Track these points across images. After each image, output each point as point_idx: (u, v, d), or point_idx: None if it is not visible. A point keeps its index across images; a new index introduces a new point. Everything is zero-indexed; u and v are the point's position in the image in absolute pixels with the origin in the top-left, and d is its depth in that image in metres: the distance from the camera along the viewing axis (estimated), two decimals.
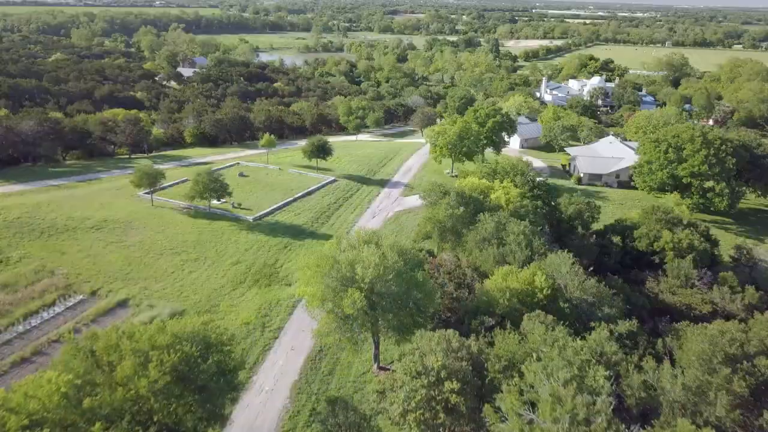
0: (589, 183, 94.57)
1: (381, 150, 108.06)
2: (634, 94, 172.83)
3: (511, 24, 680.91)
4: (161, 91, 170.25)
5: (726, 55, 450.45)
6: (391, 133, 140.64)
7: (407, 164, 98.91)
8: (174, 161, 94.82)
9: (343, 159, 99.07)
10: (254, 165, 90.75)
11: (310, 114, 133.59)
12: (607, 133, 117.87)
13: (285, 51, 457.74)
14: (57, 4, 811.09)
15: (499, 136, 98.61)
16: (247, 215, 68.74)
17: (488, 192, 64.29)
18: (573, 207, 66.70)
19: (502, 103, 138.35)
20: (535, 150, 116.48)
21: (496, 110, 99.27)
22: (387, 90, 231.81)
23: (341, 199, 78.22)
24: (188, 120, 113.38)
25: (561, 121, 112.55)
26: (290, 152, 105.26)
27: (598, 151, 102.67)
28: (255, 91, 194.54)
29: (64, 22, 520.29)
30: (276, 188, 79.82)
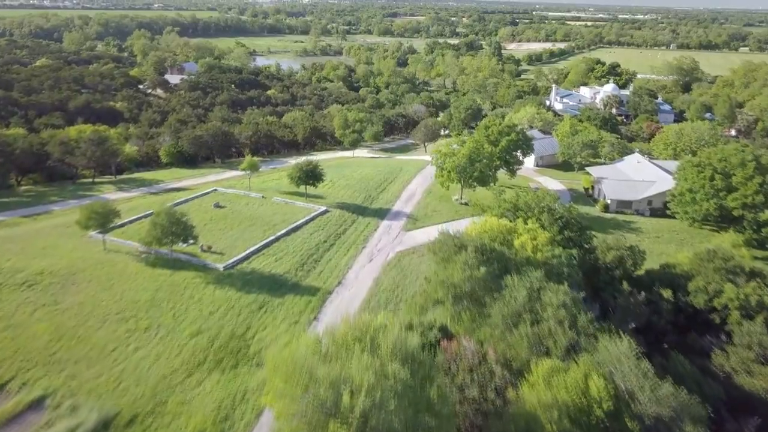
0: (617, 210, 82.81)
1: (380, 170, 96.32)
2: (651, 102, 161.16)
3: (512, 26, 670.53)
4: (144, 101, 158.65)
5: (732, 58, 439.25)
6: (391, 147, 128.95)
7: (409, 188, 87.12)
8: (143, 187, 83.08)
9: (337, 183, 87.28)
10: (234, 192, 78.92)
11: (303, 127, 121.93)
12: (630, 149, 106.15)
13: (282, 55, 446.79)
14: (54, 8, 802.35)
15: (513, 157, 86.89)
16: (217, 262, 56.89)
17: (511, 236, 52.66)
18: (612, 253, 54.87)
19: (513, 114, 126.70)
20: (551, 168, 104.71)
21: (510, 127, 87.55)
22: (387, 97, 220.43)
23: (333, 236, 66.38)
24: (164, 137, 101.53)
25: (580, 136, 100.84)
26: (278, 174, 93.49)
27: (625, 173, 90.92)
28: (246, 99, 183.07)
29: (57, 26, 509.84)
30: (256, 223, 68.00)
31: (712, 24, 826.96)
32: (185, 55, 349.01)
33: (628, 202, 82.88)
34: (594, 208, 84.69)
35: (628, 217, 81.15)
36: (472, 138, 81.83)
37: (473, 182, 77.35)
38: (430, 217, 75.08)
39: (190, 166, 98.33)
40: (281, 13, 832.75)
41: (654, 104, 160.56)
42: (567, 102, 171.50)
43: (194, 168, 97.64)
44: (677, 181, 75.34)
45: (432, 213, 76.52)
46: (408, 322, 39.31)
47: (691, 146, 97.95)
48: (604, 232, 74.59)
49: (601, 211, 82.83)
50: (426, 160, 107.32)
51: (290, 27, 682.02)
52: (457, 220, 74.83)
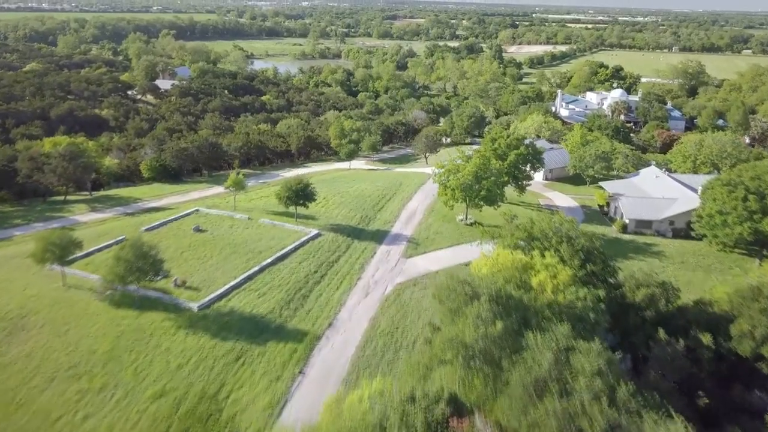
0: (636, 231, 75.93)
1: (378, 185, 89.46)
2: (662, 108, 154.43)
3: (512, 29, 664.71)
4: (132, 108, 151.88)
5: (737, 62, 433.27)
6: (390, 158, 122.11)
7: (410, 206, 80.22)
8: (119, 206, 76.14)
9: (331, 200, 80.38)
10: (217, 213, 72.01)
11: (297, 137, 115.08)
12: (646, 162, 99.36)
13: (280, 58, 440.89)
14: (53, 10, 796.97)
15: (522, 172, 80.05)
16: (191, 300, 49.96)
17: (527, 273, 45.78)
18: (643, 291, 47.98)
19: (518, 123, 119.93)
20: (561, 182, 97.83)
21: (519, 140, 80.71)
22: (386, 102, 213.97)
23: (325, 265, 59.45)
24: (146, 150, 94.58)
25: (592, 148, 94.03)
26: (268, 190, 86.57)
27: (642, 189, 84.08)
28: (240, 105, 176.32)
29: (52, 29, 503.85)
30: (239, 250, 61.09)
31: (713, 26, 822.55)
32: (181, 59, 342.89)
33: (647, 222, 75.98)
34: (610, 228, 77.81)
35: (648, 239, 74.26)
36: (478, 152, 74.95)
37: (480, 201, 70.46)
38: (432, 240, 68.22)
39: (173, 180, 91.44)
40: (280, 16, 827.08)
41: (664, 111, 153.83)
42: (573, 108, 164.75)
43: (178, 183, 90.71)
44: (704, 201, 68.43)
45: (435, 236, 69.64)
46: (409, 393, 32.42)
47: (713, 159, 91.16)
48: (624, 258, 67.99)
49: (619, 232, 75.96)
50: (427, 173, 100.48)
51: (289, 30, 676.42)
52: (463, 243, 68.08)
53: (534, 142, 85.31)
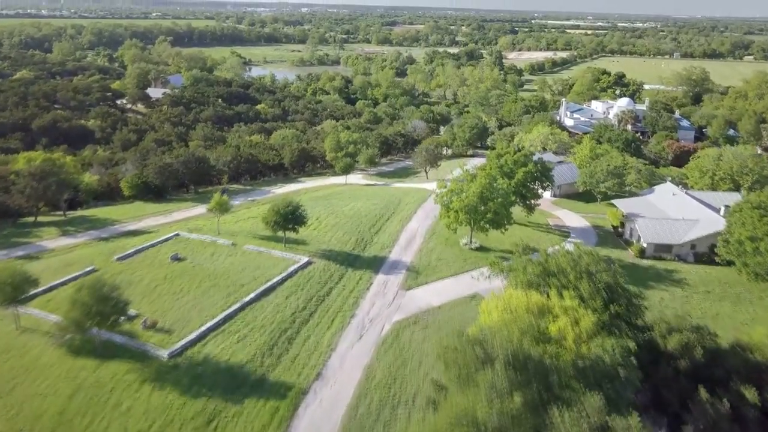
0: (654, 255, 69.97)
1: (375, 203, 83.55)
2: (670, 118, 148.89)
3: (512, 35, 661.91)
4: (120, 118, 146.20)
5: (739, 68, 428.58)
6: (388, 171, 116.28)
7: (409, 228, 74.26)
8: (93, 229, 70.14)
9: (324, 221, 74.45)
10: (198, 238, 66.00)
11: (290, 150, 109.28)
12: (660, 177, 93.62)
13: (279, 64, 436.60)
14: (51, 17, 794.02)
15: (531, 190, 74.19)
16: (161, 346, 43.93)
17: (545, 318, 39.86)
18: (676, 338, 41.98)
19: (524, 135, 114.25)
20: (570, 199, 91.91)
21: (527, 156, 74.89)
22: (384, 110, 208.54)
23: (315, 299, 53.42)
24: (126, 166, 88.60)
25: (602, 162, 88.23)
26: (257, 209, 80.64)
27: (659, 208, 78.19)
28: (234, 114, 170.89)
29: (49, 35, 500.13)
30: (220, 282, 55.08)
31: (712, 32, 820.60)
32: (177, 66, 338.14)
33: (667, 246, 70.04)
34: (626, 252, 71.85)
35: (668, 265, 68.25)
36: (482, 170, 69.05)
37: (486, 225, 64.53)
38: (434, 268, 62.23)
39: (156, 199, 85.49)
40: (279, 22, 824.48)
41: (673, 120, 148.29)
42: (578, 118, 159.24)
43: (161, 202, 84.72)
44: (731, 224, 62.58)
45: (437, 263, 63.66)
46: None
47: (732, 175, 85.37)
48: (644, 286, 61.95)
49: (636, 257, 70.02)
50: (428, 189, 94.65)
51: (287, 36, 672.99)
52: (468, 271, 62.16)
53: (542, 157, 79.39)
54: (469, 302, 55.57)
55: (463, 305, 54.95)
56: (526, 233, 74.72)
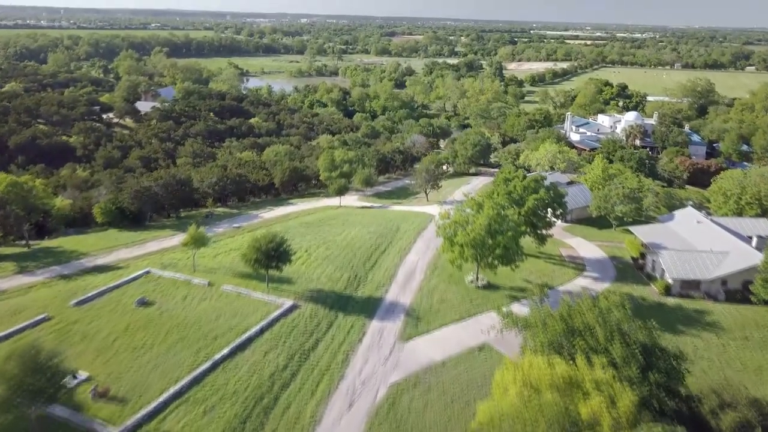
0: (681, 293, 62.74)
1: (371, 231, 76.43)
2: (681, 133, 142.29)
3: (511, 45, 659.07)
4: (106, 133, 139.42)
5: (743, 79, 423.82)
6: (386, 191, 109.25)
7: (408, 261, 67.08)
8: (56, 264, 62.85)
9: (314, 253, 67.28)
10: (171, 276, 58.74)
11: (281, 169, 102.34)
12: (679, 201, 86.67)
13: (276, 75, 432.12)
14: (50, 27, 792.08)
15: (542, 219, 67.11)
16: (109, 424, 36.53)
17: (574, 396, 32.65)
18: (730, 417, 34.69)
19: (530, 153, 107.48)
20: (583, 225, 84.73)
21: (538, 181, 67.88)
22: (383, 124, 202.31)
23: (298, 356, 46.11)
24: (100, 191, 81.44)
25: (618, 187, 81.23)
26: (241, 238, 73.50)
27: (683, 237, 71.05)
28: (226, 129, 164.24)
29: (44, 46, 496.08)
30: (190, 334, 47.78)
31: (711, 42, 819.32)
32: (172, 77, 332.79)
33: (695, 282, 62.87)
34: (650, 288, 64.62)
35: (697, 304, 61.00)
36: (489, 199, 61.93)
37: (495, 261, 57.35)
38: (437, 312, 54.98)
39: (132, 226, 78.27)
40: (278, 33, 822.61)
41: (684, 135, 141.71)
42: (584, 132, 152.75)
43: (137, 229, 77.45)
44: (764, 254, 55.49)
45: (439, 305, 56.41)
46: None
47: (760, 199, 78.39)
48: (672, 331, 54.82)
49: (661, 294, 62.76)
50: (428, 213, 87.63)
51: (286, 47, 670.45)
52: (475, 315, 54.97)
53: (554, 183, 72.32)
54: (477, 355, 48.38)
55: (470, 359, 47.71)
56: (537, 266, 67.65)
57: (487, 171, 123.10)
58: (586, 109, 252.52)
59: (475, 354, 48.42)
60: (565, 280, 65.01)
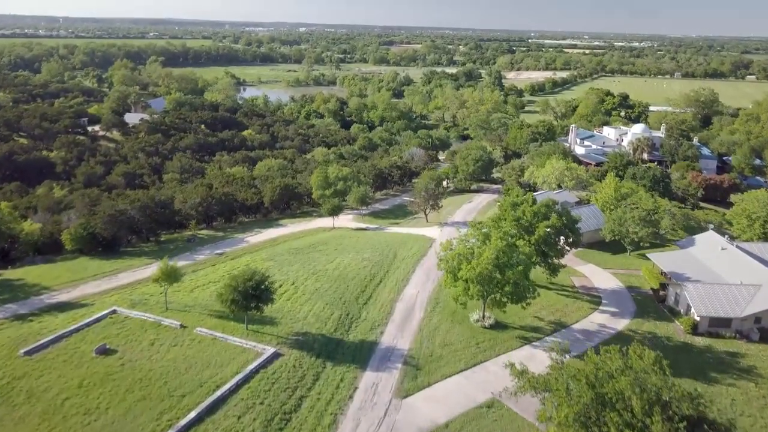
0: (710, 331, 56.38)
1: (366, 258, 70.11)
2: (691, 146, 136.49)
3: (510, 54, 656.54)
4: (89, 148, 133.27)
5: (744, 88, 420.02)
6: (383, 210, 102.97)
7: (407, 295, 60.69)
8: (13, 301, 56.10)
9: (302, 286, 60.87)
10: (140, 317, 52.19)
11: (271, 187, 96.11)
12: (698, 223, 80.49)
13: (273, 85, 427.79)
14: (47, 36, 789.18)
15: (554, 248, 60.82)
16: None
17: None
18: None
19: (535, 170, 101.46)
20: (595, 249, 78.35)
21: (549, 207, 61.65)
22: (380, 135, 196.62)
23: (278, 420, 39.49)
24: (69, 215, 74.92)
25: (633, 209, 75.11)
26: (223, 268, 67.15)
27: (707, 266, 64.80)
28: (217, 142, 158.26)
29: (39, 55, 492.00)
30: (153, 392, 41.21)
31: (710, 51, 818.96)
32: (167, 87, 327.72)
33: (726, 319, 56.53)
34: (674, 325, 58.21)
35: (729, 345, 54.61)
36: (496, 227, 55.60)
37: (504, 298, 50.98)
38: (439, 359, 48.50)
39: (106, 253, 71.76)
40: (275, 42, 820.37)
41: (695, 149, 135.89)
42: (589, 145, 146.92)
43: (111, 257, 70.86)
44: None
45: (442, 350, 49.94)
46: None
47: None
48: (704, 378, 48.56)
49: (687, 332, 56.36)
50: (428, 237, 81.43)
51: (284, 56, 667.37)
52: (482, 363, 48.55)
53: (566, 208, 66.07)
54: (486, 414, 41.94)
55: (478, 419, 41.28)
56: (548, 299, 61.29)
57: (490, 187, 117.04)
58: (588, 119, 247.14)
59: (483, 413, 41.94)
60: (580, 316, 58.68)
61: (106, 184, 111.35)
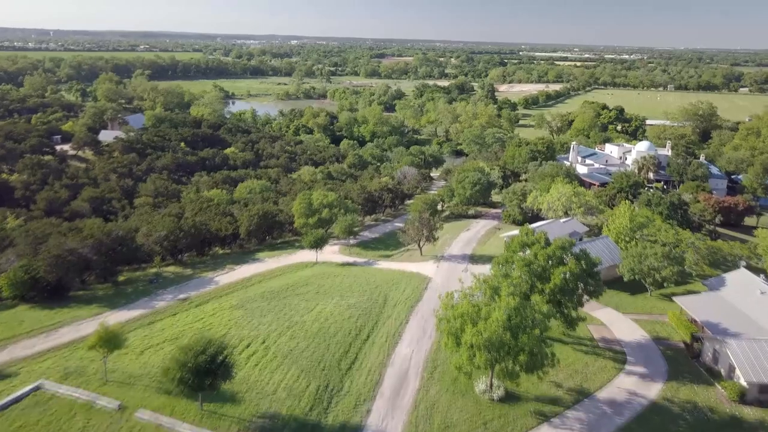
0: (761, 400, 47.32)
1: (352, 305, 60.71)
2: (701, 165, 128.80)
3: (501, 67, 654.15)
4: (56, 169, 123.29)
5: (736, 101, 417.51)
6: (373, 240, 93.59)
7: (399, 356, 51.26)
8: None
9: (273, 346, 51.26)
10: (69, 394, 42.32)
11: (248, 215, 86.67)
12: (724, 257, 71.88)
13: (263, 98, 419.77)
14: (37, 50, 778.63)
15: (572, 299, 51.72)
16: None
17: None
18: None
19: (540, 196, 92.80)
20: (611, 288, 69.24)
21: (564, 248, 52.63)
22: (371, 152, 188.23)
23: None
24: (8, 256, 64.94)
25: (652, 239, 66.46)
26: (184, 319, 57.45)
27: (747, 315, 55.93)
28: (197, 161, 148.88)
29: (24, 68, 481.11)
30: None
31: (699, 63, 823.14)
32: (152, 101, 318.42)
33: None
34: (714, 389, 49.11)
35: None
36: (506, 280, 46.35)
37: (517, 367, 41.71)
38: None
39: (51, 300, 61.83)
40: (266, 55, 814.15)
41: (705, 168, 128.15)
42: (592, 164, 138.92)
43: (54, 306, 60.89)
44: None
45: None
46: None
47: None
48: None
49: (733, 401, 47.27)
50: (423, 275, 72.22)
51: (274, 68, 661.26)
52: None
53: (585, 251, 57.14)
54: None
55: None
56: (565, 356, 52.06)
57: (488, 212, 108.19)
58: (585, 134, 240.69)
59: None
60: (604, 380, 49.52)
61: (70, 211, 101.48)
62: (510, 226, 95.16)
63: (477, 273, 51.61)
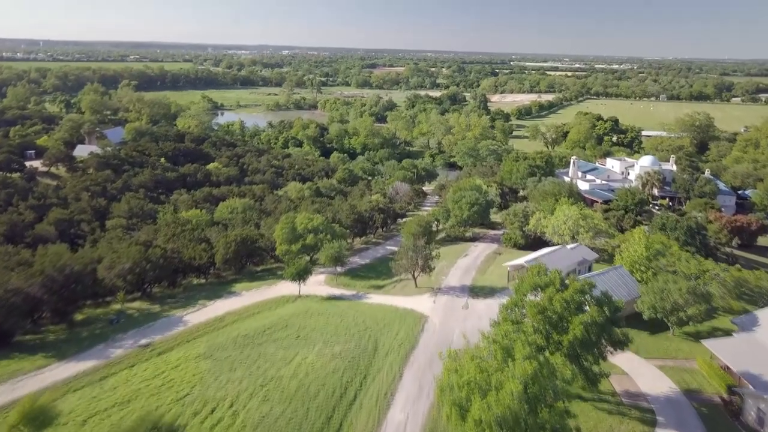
0: None
1: (337, 353, 52.87)
2: (710, 182, 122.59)
3: (493, 77, 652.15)
4: (23, 188, 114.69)
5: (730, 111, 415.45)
6: (362, 267, 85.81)
7: (391, 422, 43.43)
8: None
9: (242, 412, 43.17)
10: None
11: (225, 242, 78.73)
12: (751, 290, 64.93)
13: (252, 109, 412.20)
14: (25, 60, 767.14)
15: (593, 352, 44.22)
16: None
17: None
18: None
19: (544, 219, 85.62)
20: (629, 327, 61.85)
21: (582, 291, 45.19)
22: (362, 166, 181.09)
23: None
24: None
25: (673, 270, 59.35)
26: (143, 373, 49.31)
27: None
28: (177, 178, 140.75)
29: (8, 79, 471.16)
30: None
31: (689, 73, 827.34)
32: (138, 112, 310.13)
33: None
34: None
35: None
36: (520, 341, 38.83)
37: None
38: None
39: None
40: (257, 65, 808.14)
41: (713, 185, 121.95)
42: (593, 180, 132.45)
43: None
44: None
45: None
46: None
47: None
48: None
49: None
50: (418, 312, 64.55)
51: (264, 79, 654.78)
52: None
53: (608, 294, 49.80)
54: None
55: None
56: (586, 417, 44.54)
57: (487, 234, 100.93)
58: (581, 145, 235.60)
59: None
60: None
61: (32, 235, 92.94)
62: (511, 251, 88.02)
63: (479, 309, 44.43)
